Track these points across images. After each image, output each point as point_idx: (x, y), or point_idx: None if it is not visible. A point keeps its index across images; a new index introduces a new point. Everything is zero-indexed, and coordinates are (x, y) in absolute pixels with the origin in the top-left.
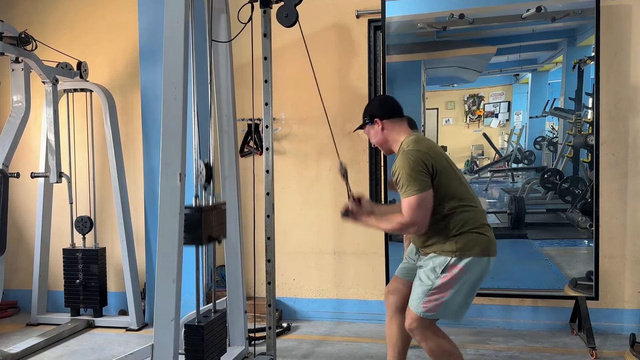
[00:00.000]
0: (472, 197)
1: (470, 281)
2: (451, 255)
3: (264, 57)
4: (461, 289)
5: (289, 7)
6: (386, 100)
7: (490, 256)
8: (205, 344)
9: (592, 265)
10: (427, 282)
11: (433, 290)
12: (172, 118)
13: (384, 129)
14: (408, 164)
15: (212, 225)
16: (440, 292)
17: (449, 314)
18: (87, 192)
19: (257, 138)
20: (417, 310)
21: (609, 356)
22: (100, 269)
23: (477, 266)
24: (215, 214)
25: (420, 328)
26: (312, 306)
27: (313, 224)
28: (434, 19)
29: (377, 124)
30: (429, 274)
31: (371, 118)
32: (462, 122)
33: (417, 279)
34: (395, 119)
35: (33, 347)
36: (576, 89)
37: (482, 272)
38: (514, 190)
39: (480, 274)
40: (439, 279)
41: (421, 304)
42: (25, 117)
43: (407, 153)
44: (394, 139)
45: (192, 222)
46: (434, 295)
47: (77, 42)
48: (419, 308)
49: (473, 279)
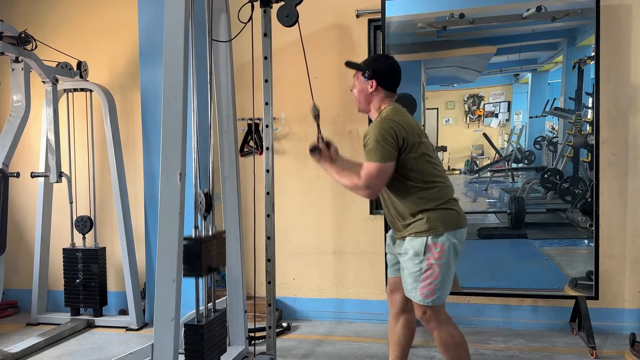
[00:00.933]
0: (440, 174)
1: (451, 256)
2: (426, 234)
3: (264, 57)
4: (446, 266)
5: (289, 7)
6: (395, 71)
7: (462, 228)
8: (205, 343)
9: (592, 264)
10: (414, 269)
11: (423, 275)
12: (172, 118)
13: (374, 93)
14: (379, 131)
15: (212, 256)
16: (431, 275)
17: (445, 294)
18: (87, 191)
19: (257, 138)
20: (418, 300)
21: (609, 356)
22: (100, 269)
23: (453, 240)
24: (214, 243)
25: (431, 316)
26: (312, 306)
27: (313, 224)
28: (434, 18)
29: (371, 84)
30: (413, 260)
31: (371, 75)
32: (462, 122)
33: (403, 270)
34: (390, 92)
35: (33, 346)
36: (576, 88)
37: (458, 245)
38: (514, 190)
39: (457, 248)
40: (424, 262)
41: (417, 292)
42: (25, 117)
43: (382, 120)
44: (377, 106)
45: (192, 254)
46: (426, 279)
47: (77, 42)
48: (417, 297)
49: (452, 254)
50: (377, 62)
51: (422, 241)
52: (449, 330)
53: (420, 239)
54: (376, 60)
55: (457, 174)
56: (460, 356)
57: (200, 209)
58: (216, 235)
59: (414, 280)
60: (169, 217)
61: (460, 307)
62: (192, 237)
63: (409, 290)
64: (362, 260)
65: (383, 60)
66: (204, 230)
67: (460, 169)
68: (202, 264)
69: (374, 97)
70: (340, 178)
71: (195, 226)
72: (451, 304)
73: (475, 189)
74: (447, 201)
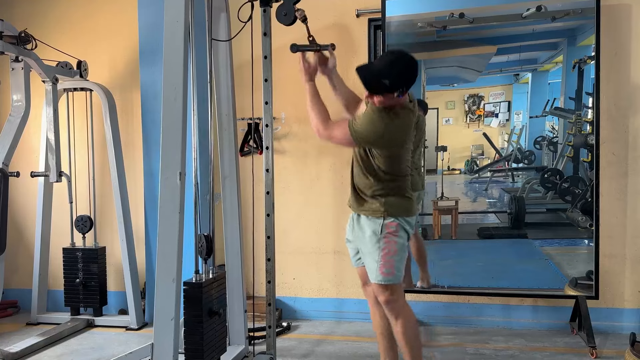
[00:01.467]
0: (407, 171)
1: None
2: (381, 215)
3: (264, 56)
4: (401, 245)
5: (287, 6)
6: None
7: (412, 216)
8: (205, 343)
9: (592, 264)
10: (372, 248)
11: (382, 253)
12: (172, 117)
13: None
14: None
15: (213, 299)
16: (389, 252)
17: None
18: (87, 191)
19: (257, 137)
20: (378, 279)
21: (609, 355)
22: (100, 269)
23: (405, 226)
24: (215, 286)
25: (391, 298)
26: (312, 305)
27: (313, 223)
28: (434, 18)
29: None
30: (371, 240)
31: (391, 88)
32: (462, 122)
33: (364, 255)
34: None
35: (33, 346)
36: (576, 88)
37: (409, 232)
38: (514, 190)
39: (407, 234)
40: (382, 240)
41: (378, 271)
42: (25, 116)
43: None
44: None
45: (194, 299)
46: (385, 257)
47: (77, 41)
48: (379, 277)
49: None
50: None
51: (378, 221)
52: (409, 317)
53: (375, 218)
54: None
55: (457, 174)
56: (418, 346)
57: (201, 252)
58: (216, 278)
59: (374, 261)
60: (168, 216)
61: (460, 307)
62: (193, 282)
63: (372, 272)
64: None
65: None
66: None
67: (460, 168)
68: (203, 308)
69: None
70: (312, 110)
71: (195, 271)
72: (451, 304)
73: (475, 188)
74: (406, 191)
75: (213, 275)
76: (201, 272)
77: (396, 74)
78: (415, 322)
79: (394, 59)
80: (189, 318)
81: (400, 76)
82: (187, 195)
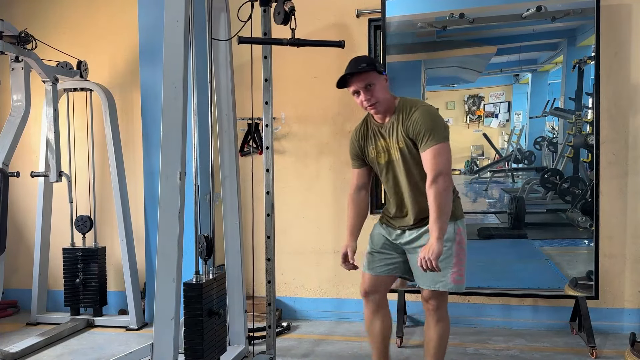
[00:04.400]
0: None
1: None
2: (454, 219)
3: (264, 56)
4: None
5: (281, 5)
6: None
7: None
8: (205, 343)
9: (592, 264)
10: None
11: (455, 260)
12: (172, 117)
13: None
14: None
15: (213, 299)
16: (460, 259)
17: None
18: (87, 191)
19: (257, 137)
20: (449, 287)
21: (609, 355)
22: (100, 269)
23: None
24: (215, 286)
25: (444, 303)
26: (312, 305)
27: (313, 224)
28: (434, 18)
29: (386, 77)
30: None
31: (382, 69)
32: (462, 122)
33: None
34: None
35: (33, 346)
36: (576, 89)
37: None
38: (514, 191)
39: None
40: (454, 247)
41: (449, 278)
42: (25, 116)
43: (429, 107)
44: (391, 99)
45: (194, 299)
46: (458, 264)
47: (77, 41)
48: (449, 284)
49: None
50: (371, 59)
51: (452, 226)
52: (448, 321)
53: (451, 223)
54: (370, 58)
55: (457, 174)
56: (445, 349)
57: (201, 253)
58: (217, 278)
59: (445, 266)
60: (168, 216)
61: (460, 307)
62: (193, 283)
63: (437, 277)
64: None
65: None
66: (204, 275)
67: (460, 169)
68: (203, 309)
69: (388, 92)
70: (439, 209)
71: (196, 272)
72: (451, 304)
73: (475, 189)
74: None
75: (213, 275)
76: (201, 272)
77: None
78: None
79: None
80: (189, 318)
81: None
82: (187, 195)
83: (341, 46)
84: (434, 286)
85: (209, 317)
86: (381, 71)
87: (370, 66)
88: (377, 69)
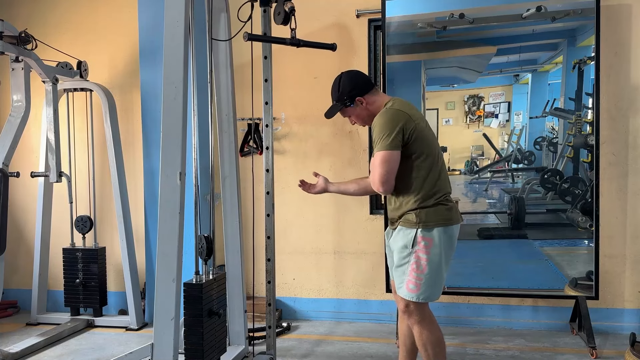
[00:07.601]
0: (440, 166)
1: (442, 253)
2: (415, 226)
3: (264, 56)
4: (436, 263)
5: (281, 5)
6: (356, 75)
7: (454, 224)
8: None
9: (592, 265)
10: (401, 262)
11: (410, 268)
12: (172, 117)
13: (368, 103)
14: (385, 120)
15: (213, 299)
16: (417, 268)
17: (434, 295)
18: (87, 191)
19: (257, 137)
20: (404, 294)
21: (609, 356)
22: (100, 269)
23: (443, 236)
24: (215, 286)
25: (414, 311)
26: (312, 306)
27: (313, 224)
28: (434, 18)
29: (361, 102)
30: (401, 252)
31: (352, 98)
32: (462, 122)
33: (395, 265)
34: (372, 90)
35: (33, 346)
36: (576, 89)
37: (449, 241)
38: (514, 191)
39: (449, 243)
40: (412, 255)
41: (404, 286)
42: (25, 117)
43: (387, 110)
44: (379, 107)
45: (194, 299)
46: (413, 273)
47: (77, 42)
48: (404, 291)
49: (443, 250)
50: (341, 88)
51: (410, 232)
52: (430, 328)
53: (409, 230)
54: (338, 88)
55: (457, 175)
56: (436, 354)
57: (201, 253)
58: (216, 279)
59: (402, 273)
60: (168, 216)
61: (460, 307)
62: (193, 283)
63: (399, 284)
64: (362, 260)
65: (341, 82)
66: (204, 275)
67: (460, 169)
68: (203, 309)
69: (373, 108)
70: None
71: (196, 272)
72: (451, 304)
73: (475, 189)
74: (442, 196)
75: (213, 276)
76: (201, 272)
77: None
78: (435, 332)
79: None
80: (189, 318)
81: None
82: (187, 195)
83: (333, 49)
84: (398, 290)
85: (209, 317)
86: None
87: (339, 102)
88: (344, 104)
